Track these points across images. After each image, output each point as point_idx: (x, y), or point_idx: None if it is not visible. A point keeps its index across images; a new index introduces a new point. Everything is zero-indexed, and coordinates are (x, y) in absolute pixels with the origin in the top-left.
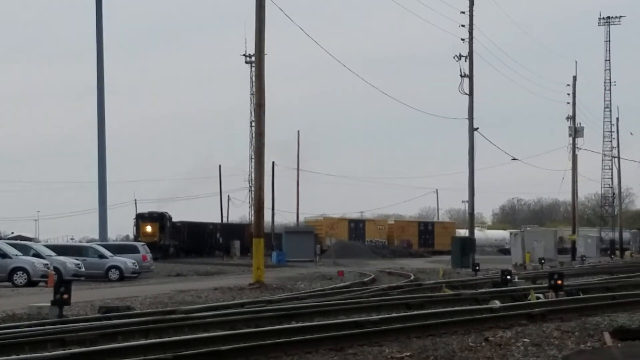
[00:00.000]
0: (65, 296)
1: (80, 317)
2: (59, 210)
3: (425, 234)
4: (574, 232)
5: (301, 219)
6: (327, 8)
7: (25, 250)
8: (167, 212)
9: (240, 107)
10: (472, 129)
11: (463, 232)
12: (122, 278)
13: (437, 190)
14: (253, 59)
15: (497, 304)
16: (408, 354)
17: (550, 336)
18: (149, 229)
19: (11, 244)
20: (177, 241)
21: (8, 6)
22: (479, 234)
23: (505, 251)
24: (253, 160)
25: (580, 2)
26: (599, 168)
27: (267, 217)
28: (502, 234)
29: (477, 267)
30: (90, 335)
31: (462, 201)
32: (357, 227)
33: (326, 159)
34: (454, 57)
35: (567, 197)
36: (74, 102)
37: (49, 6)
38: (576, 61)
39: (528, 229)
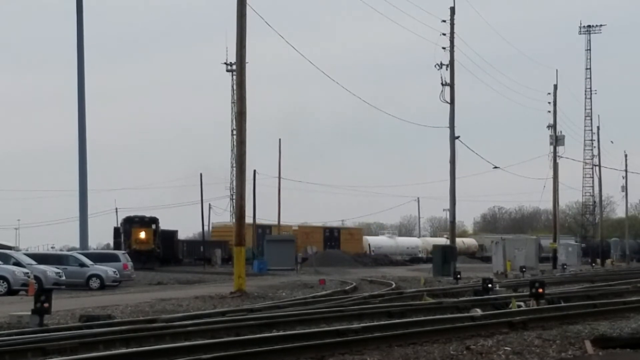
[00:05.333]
0: (46, 305)
1: (61, 326)
2: (39, 218)
3: (330, 240)
4: (555, 240)
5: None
6: (307, 16)
7: (5, 258)
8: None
9: (221, 115)
10: (453, 138)
11: (371, 239)
12: (103, 287)
13: (418, 198)
14: (234, 67)
15: (478, 312)
16: None
17: (531, 345)
18: (142, 235)
19: None
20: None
21: None
22: (389, 241)
23: (417, 260)
24: (234, 168)
25: (562, 11)
26: (580, 176)
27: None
28: (415, 242)
29: (459, 275)
30: (71, 344)
31: (444, 209)
32: (264, 233)
33: (308, 168)
34: (435, 66)
35: (548, 205)
36: (55, 110)
37: (31, 15)
38: (557, 70)
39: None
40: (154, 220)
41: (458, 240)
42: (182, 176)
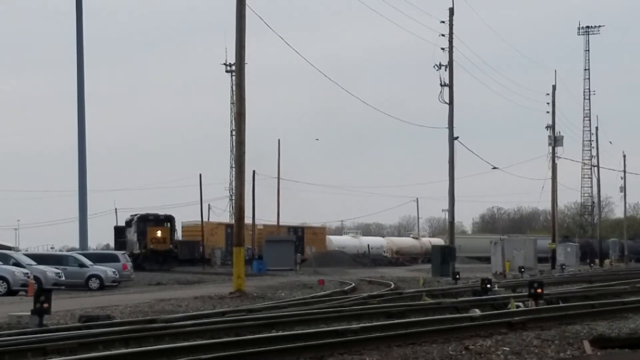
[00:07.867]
0: (46, 305)
1: (60, 326)
2: (39, 219)
3: (295, 239)
4: (553, 240)
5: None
6: (305, 16)
7: (5, 259)
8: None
9: (221, 116)
10: (452, 138)
11: (334, 238)
12: (103, 287)
13: (417, 199)
14: (233, 67)
15: (477, 312)
16: None
17: (530, 345)
18: (159, 233)
19: None
20: None
21: None
22: (353, 240)
23: (382, 260)
24: (234, 168)
25: (560, 11)
26: (579, 177)
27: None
28: (379, 241)
29: (457, 276)
30: (70, 345)
31: (442, 210)
32: (232, 232)
33: (306, 168)
34: (434, 67)
35: (546, 205)
36: (55, 110)
37: (28, 15)
38: (555, 70)
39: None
40: (169, 219)
41: (424, 240)
42: (182, 176)
